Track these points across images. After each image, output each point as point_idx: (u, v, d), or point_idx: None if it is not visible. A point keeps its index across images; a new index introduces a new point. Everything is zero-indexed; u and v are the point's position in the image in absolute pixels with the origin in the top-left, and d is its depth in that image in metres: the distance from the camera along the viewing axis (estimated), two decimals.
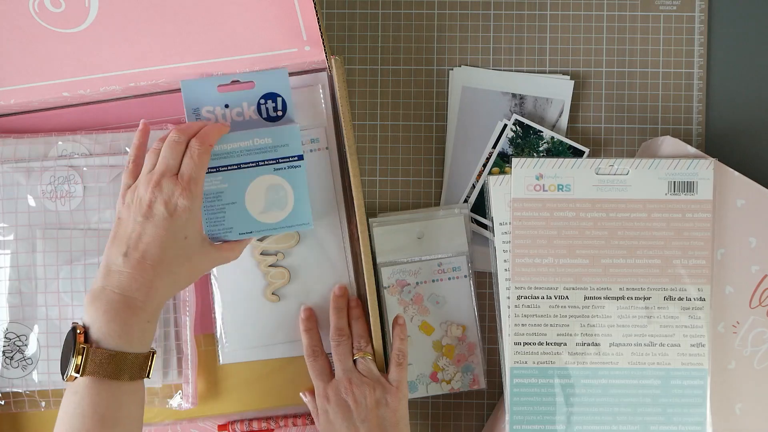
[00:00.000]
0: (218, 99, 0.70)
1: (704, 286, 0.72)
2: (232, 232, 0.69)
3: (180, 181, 0.63)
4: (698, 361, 0.71)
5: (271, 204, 0.69)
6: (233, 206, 0.68)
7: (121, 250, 0.62)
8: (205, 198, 0.68)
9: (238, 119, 0.71)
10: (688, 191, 0.72)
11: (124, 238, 0.62)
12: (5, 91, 0.71)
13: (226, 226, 0.68)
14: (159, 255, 0.62)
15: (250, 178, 0.69)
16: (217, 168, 0.68)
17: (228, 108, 0.71)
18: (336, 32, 0.79)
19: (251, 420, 0.75)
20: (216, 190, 0.68)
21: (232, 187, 0.69)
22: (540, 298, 0.72)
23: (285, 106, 0.71)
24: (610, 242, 0.72)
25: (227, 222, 0.68)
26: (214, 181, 0.68)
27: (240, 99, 0.71)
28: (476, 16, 0.79)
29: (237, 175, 0.69)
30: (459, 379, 0.75)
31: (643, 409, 0.72)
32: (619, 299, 0.72)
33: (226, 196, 0.68)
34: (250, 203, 0.69)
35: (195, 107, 0.70)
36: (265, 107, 0.71)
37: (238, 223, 0.69)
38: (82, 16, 0.68)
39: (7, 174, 0.73)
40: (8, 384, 0.73)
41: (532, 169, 0.72)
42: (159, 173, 0.63)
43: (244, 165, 0.69)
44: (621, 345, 0.72)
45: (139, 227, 0.62)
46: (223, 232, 0.69)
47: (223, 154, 0.68)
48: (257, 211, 0.69)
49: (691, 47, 0.78)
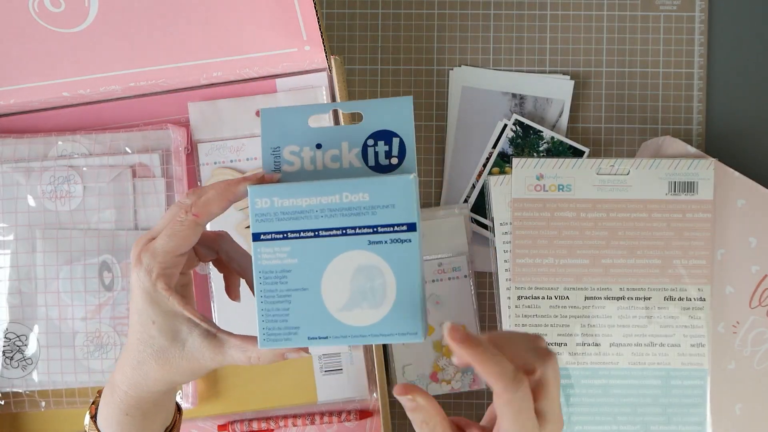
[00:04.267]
0: (308, 136, 0.49)
1: (704, 287, 0.72)
2: (298, 334, 0.46)
3: (141, 249, 0.49)
4: (698, 361, 0.71)
5: (358, 297, 0.46)
6: (303, 294, 0.46)
7: None
8: (264, 278, 0.46)
9: (333, 166, 0.49)
10: (689, 191, 0.72)
11: None
12: (5, 91, 0.71)
13: (290, 324, 0.46)
14: (131, 340, 0.50)
15: (332, 254, 0.46)
16: (285, 234, 0.46)
17: (320, 149, 0.49)
18: (336, 32, 0.79)
19: (251, 420, 0.75)
20: (280, 267, 0.46)
21: (305, 265, 0.46)
22: (540, 299, 0.72)
23: (403, 150, 0.48)
24: (611, 242, 0.72)
25: (292, 318, 0.46)
26: (278, 253, 0.46)
27: (339, 137, 0.49)
28: (476, 16, 0.79)
29: (313, 246, 0.46)
30: (459, 379, 0.75)
31: (643, 410, 0.72)
32: (619, 299, 0.72)
33: (294, 279, 0.46)
34: (329, 292, 0.46)
35: (275, 145, 0.49)
36: (373, 150, 0.49)
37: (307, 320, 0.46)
38: (82, 16, 0.68)
39: (6, 174, 0.73)
40: (8, 384, 0.73)
41: (532, 169, 0.72)
42: (144, 236, 0.50)
43: (325, 233, 0.46)
44: (621, 345, 0.72)
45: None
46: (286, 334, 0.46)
47: (295, 213, 0.46)
48: (337, 305, 0.46)
49: (691, 47, 0.78)
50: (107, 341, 0.72)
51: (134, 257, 0.49)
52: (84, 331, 0.72)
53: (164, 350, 0.49)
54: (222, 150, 0.74)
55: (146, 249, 0.48)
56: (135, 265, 0.48)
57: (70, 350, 0.72)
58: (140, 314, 0.49)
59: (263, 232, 0.46)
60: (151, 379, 0.51)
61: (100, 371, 0.72)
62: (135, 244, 0.50)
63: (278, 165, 0.49)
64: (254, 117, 0.74)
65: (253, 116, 0.74)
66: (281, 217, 0.46)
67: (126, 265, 0.73)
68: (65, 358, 0.72)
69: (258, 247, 0.46)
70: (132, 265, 0.49)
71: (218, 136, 0.75)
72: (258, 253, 0.46)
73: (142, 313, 0.49)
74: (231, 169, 0.74)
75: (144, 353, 0.50)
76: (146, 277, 0.48)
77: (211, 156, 0.74)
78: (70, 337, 0.72)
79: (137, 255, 0.49)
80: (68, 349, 0.72)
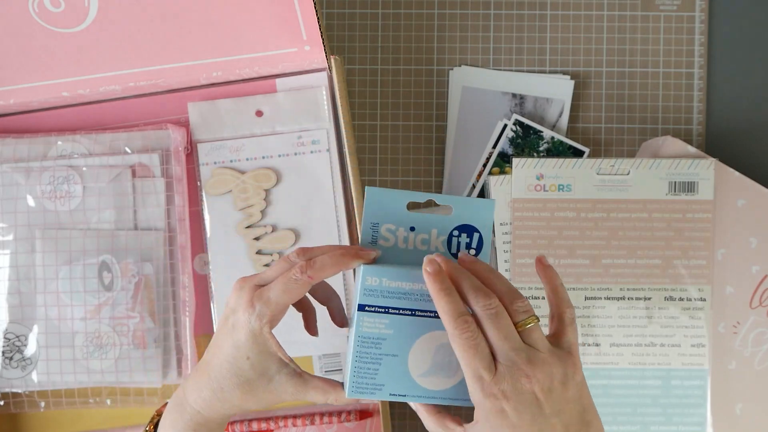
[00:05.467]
0: (404, 218, 0.57)
1: (705, 287, 0.71)
2: (382, 390, 0.55)
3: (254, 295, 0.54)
4: (699, 361, 0.71)
5: (437, 367, 0.55)
6: (392, 360, 0.55)
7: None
8: (362, 342, 0.54)
9: (422, 248, 0.58)
10: (689, 191, 0.72)
11: None
12: (5, 91, 0.71)
13: (377, 381, 0.55)
14: (215, 366, 0.56)
15: (423, 331, 0.55)
16: (386, 309, 0.55)
17: (413, 231, 0.58)
18: (336, 32, 0.79)
19: (251, 420, 0.75)
20: (377, 335, 0.55)
21: (398, 336, 0.54)
22: (540, 299, 0.72)
23: (481, 244, 0.58)
24: (611, 242, 0.72)
25: (380, 377, 0.55)
26: (378, 324, 0.55)
27: (430, 224, 0.57)
28: (476, 16, 0.79)
29: (407, 323, 0.54)
30: None
31: (643, 410, 0.72)
32: (619, 299, 0.72)
33: (387, 346, 0.55)
34: (413, 361, 0.55)
35: (375, 221, 0.57)
36: (457, 240, 0.58)
37: (392, 380, 0.55)
38: (82, 16, 0.68)
39: (6, 174, 0.73)
40: (7, 384, 0.73)
41: (532, 169, 0.72)
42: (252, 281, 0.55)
43: (420, 313, 0.54)
44: (621, 345, 0.72)
45: (217, 330, 0.57)
46: (371, 388, 0.55)
47: (398, 293, 0.54)
48: (418, 372, 0.55)
49: (691, 47, 0.78)
50: (107, 341, 0.72)
51: (246, 301, 0.54)
52: (83, 332, 0.72)
53: (251, 382, 0.55)
54: (222, 150, 0.74)
55: (260, 296, 0.54)
56: (247, 308, 0.54)
57: (70, 350, 0.72)
58: (238, 349, 0.54)
59: (368, 305, 0.54)
60: (229, 404, 0.56)
61: (100, 371, 0.72)
62: (241, 287, 0.55)
63: (375, 239, 0.57)
64: (254, 117, 0.74)
65: (253, 116, 0.74)
66: (386, 294, 0.54)
67: (126, 265, 0.72)
68: (65, 358, 0.72)
69: (361, 317, 0.54)
70: (243, 306, 0.54)
71: (218, 136, 0.75)
72: (360, 321, 0.54)
73: (240, 348, 0.54)
74: (231, 170, 0.74)
75: (230, 382, 0.55)
76: (257, 321, 0.54)
77: (210, 156, 0.74)
78: (69, 338, 0.72)
79: (250, 300, 0.54)
80: (68, 350, 0.72)
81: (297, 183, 0.74)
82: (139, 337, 0.72)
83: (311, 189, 0.73)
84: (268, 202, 0.74)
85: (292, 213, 0.74)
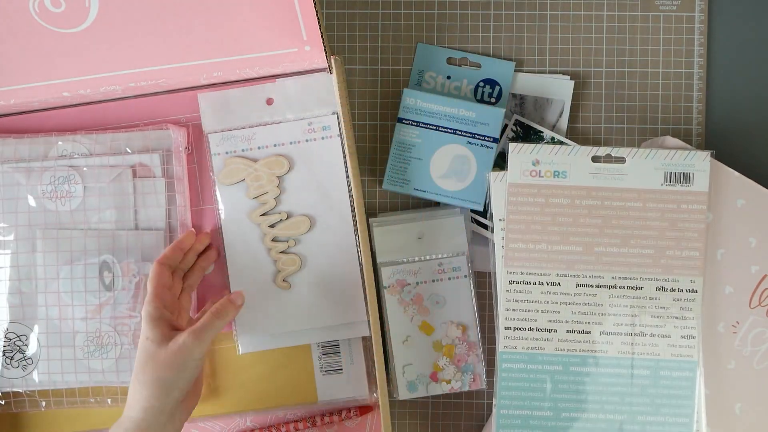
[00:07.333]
0: (444, 69, 0.77)
1: (697, 278, 0.72)
2: (408, 185, 0.74)
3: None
4: (688, 352, 0.71)
5: (452, 172, 0.73)
6: (418, 162, 0.73)
7: None
8: (396, 147, 0.73)
9: (454, 92, 0.76)
10: (684, 182, 0.72)
11: None
12: (5, 91, 0.71)
13: (406, 177, 0.73)
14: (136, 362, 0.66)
15: (443, 143, 0.73)
16: (418, 123, 0.73)
17: (449, 80, 0.76)
18: (336, 32, 0.79)
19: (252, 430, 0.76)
20: (409, 142, 0.73)
21: (424, 144, 0.73)
22: (532, 284, 0.72)
23: (500, 95, 0.76)
24: (604, 230, 0.72)
25: (407, 174, 0.73)
26: (410, 133, 0.73)
27: (462, 75, 0.76)
28: (476, 17, 0.79)
29: (432, 135, 0.73)
30: (459, 379, 0.75)
31: (630, 399, 0.72)
32: (611, 288, 0.72)
33: (415, 151, 0.73)
34: (434, 165, 0.73)
35: (421, 69, 0.76)
36: (482, 90, 0.76)
37: (416, 178, 0.73)
38: (82, 16, 0.68)
39: (7, 174, 0.73)
40: (8, 384, 0.73)
41: (529, 155, 0.72)
42: None
43: (443, 128, 0.73)
44: (611, 334, 0.72)
45: None
46: (401, 182, 0.74)
47: (428, 113, 0.73)
48: (438, 174, 0.73)
49: (691, 47, 0.78)
50: (107, 341, 0.73)
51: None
52: (84, 331, 0.72)
53: (154, 352, 0.64)
54: (233, 139, 0.74)
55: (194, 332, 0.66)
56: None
57: (71, 350, 0.72)
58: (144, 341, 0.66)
59: (405, 118, 0.74)
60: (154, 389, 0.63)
61: (100, 371, 0.73)
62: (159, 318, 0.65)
63: (420, 81, 0.77)
64: (264, 105, 0.74)
65: (264, 104, 0.74)
66: (419, 112, 0.74)
67: (126, 265, 0.73)
68: (65, 357, 0.72)
69: (399, 127, 0.74)
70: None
71: (229, 125, 0.75)
72: (399, 130, 0.74)
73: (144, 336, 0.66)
74: (243, 158, 0.74)
75: (143, 365, 0.64)
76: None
77: (222, 146, 0.74)
78: (70, 337, 0.72)
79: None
80: (68, 349, 0.72)
81: (309, 169, 0.74)
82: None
83: (323, 174, 0.74)
84: (282, 189, 0.74)
85: (305, 199, 0.74)
